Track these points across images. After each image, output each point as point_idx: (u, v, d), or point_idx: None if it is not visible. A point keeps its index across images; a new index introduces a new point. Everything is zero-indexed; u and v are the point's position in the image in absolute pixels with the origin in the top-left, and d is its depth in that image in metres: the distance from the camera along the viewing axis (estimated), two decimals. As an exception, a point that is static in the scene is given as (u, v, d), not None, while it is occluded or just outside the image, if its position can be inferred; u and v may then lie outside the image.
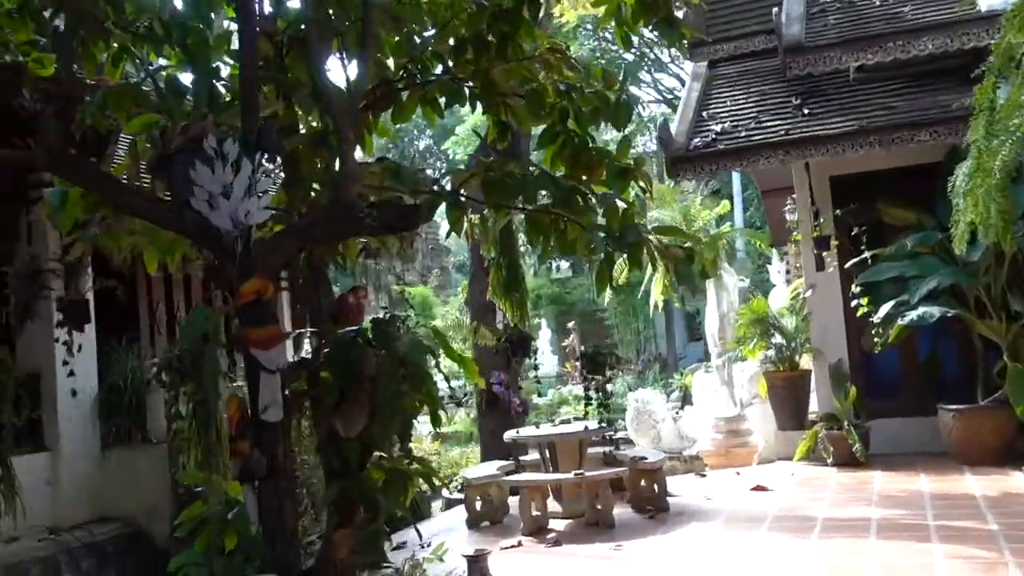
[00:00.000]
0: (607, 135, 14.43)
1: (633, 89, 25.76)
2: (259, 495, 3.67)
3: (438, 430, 5.77)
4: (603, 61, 24.39)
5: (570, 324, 21.49)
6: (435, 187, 4.61)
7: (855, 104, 8.59)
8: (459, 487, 8.88)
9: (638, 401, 11.02)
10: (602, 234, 4.18)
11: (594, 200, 4.57)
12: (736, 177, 20.31)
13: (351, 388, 3.88)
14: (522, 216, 4.85)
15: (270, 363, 3.72)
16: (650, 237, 4.36)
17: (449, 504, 9.60)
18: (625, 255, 4.20)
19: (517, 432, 7.76)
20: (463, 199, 4.65)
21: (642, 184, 4.87)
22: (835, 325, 9.21)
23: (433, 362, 4.08)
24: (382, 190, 4.44)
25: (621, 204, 4.55)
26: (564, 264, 34.48)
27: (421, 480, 4.22)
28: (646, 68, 28.42)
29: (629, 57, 25.94)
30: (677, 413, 11.30)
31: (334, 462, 3.95)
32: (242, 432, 3.66)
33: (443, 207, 4.62)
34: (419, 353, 4.02)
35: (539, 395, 19.81)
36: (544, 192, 4.74)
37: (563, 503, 7.46)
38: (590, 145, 4.79)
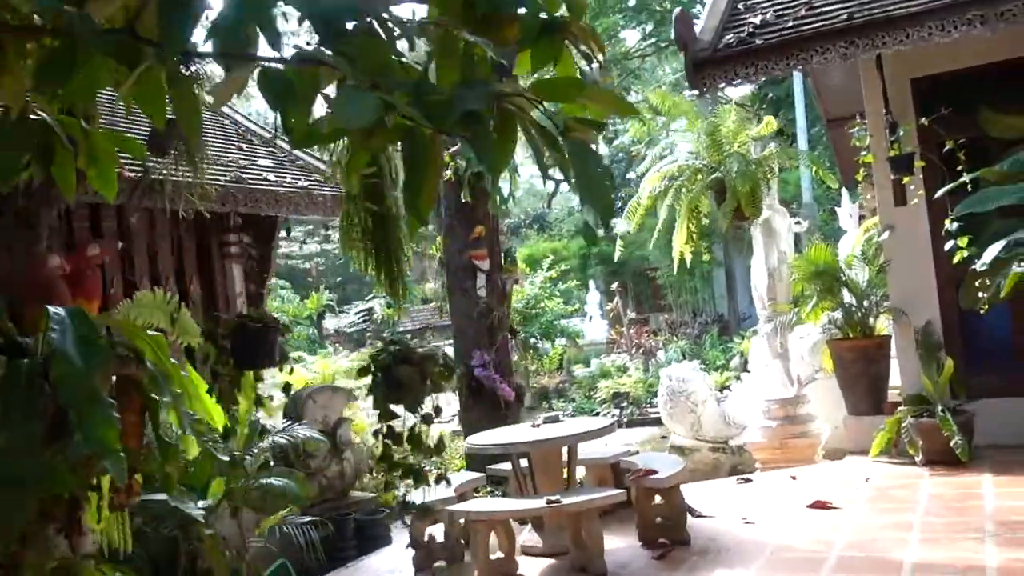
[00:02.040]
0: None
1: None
2: None
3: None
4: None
5: (614, 286, 19.30)
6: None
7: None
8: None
9: (672, 379, 8.90)
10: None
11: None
12: (800, 109, 17.74)
13: None
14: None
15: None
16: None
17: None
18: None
19: (481, 438, 5.71)
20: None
21: (590, 47, 2.78)
22: (922, 276, 6.95)
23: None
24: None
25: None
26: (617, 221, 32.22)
27: None
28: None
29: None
30: (722, 392, 9.14)
31: None
32: None
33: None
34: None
35: (585, 365, 17.74)
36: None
37: (544, 534, 5.44)
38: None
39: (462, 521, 5.23)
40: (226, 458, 3.86)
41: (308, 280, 35.54)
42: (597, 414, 13.94)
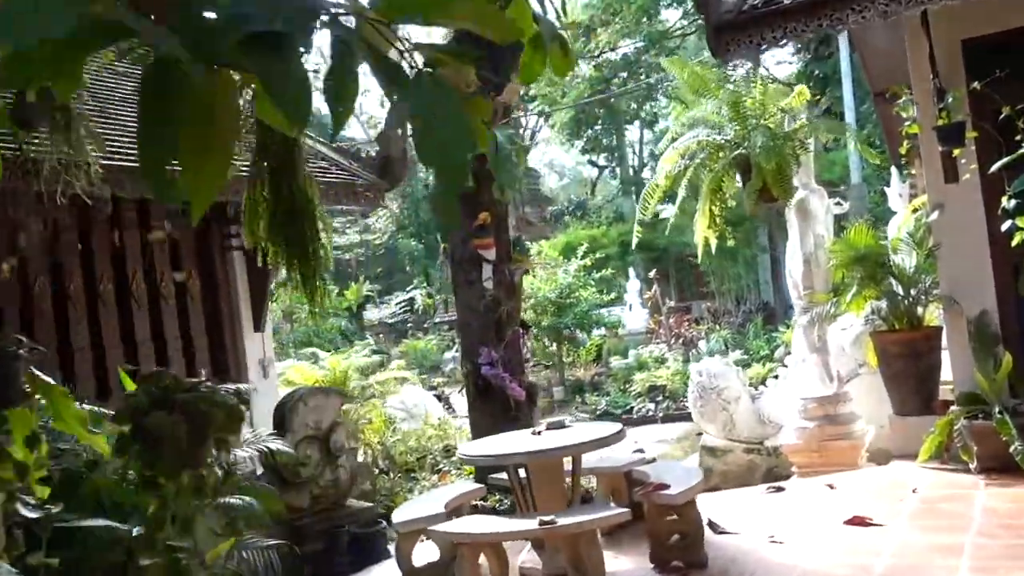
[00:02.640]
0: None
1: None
2: None
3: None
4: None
5: (651, 273, 18.59)
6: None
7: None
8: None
9: (702, 375, 8.24)
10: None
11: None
12: (847, 85, 16.84)
13: None
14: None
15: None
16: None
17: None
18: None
19: (475, 447, 5.14)
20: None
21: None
22: (976, 261, 6.22)
23: None
24: None
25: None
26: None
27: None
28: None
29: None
30: (757, 389, 8.47)
31: None
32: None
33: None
34: None
35: (623, 356, 17.10)
36: None
37: (544, 555, 4.87)
38: None
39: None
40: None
41: (348, 271, 35.33)
42: (631, 409, 13.32)
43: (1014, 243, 4.88)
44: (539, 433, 5.14)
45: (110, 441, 3.16)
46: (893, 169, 10.34)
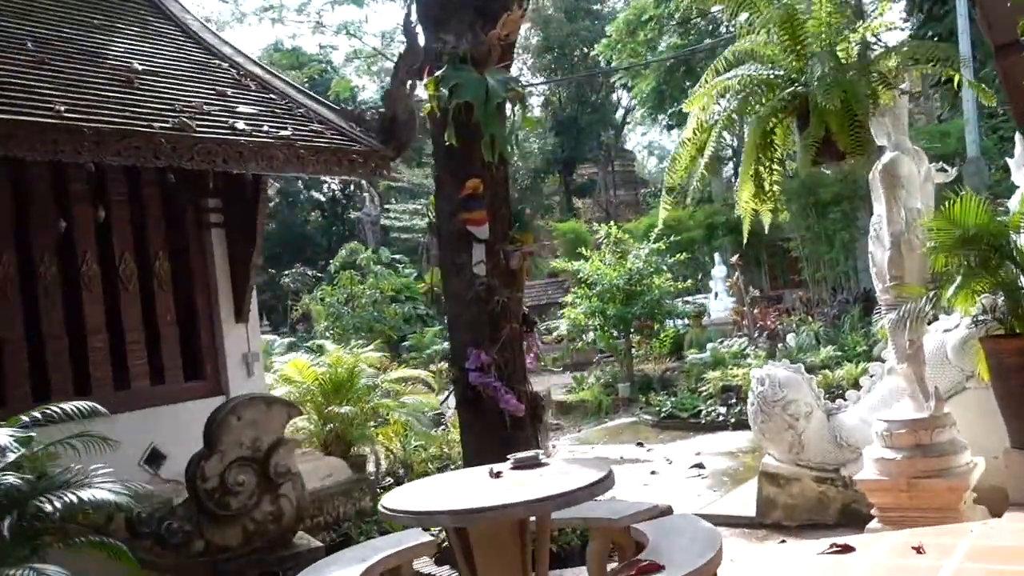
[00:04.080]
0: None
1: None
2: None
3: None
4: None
5: (734, 258, 16.81)
6: None
7: None
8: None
9: (764, 384, 6.67)
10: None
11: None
12: (965, 43, 14.69)
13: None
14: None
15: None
16: None
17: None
18: None
19: (401, 496, 3.75)
20: None
21: None
22: None
23: None
24: None
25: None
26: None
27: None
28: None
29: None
30: (835, 403, 6.86)
31: None
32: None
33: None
34: None
35: (700, 350, 15.42)
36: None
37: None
38: None
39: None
40: None
41: (426, 253, 34.35)
42: (699, 412, 11.71)
43: None
44: (499, 474, 3.74)
45: None
46: (1017, 136, 8.47)
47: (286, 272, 28.02)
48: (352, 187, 36.38)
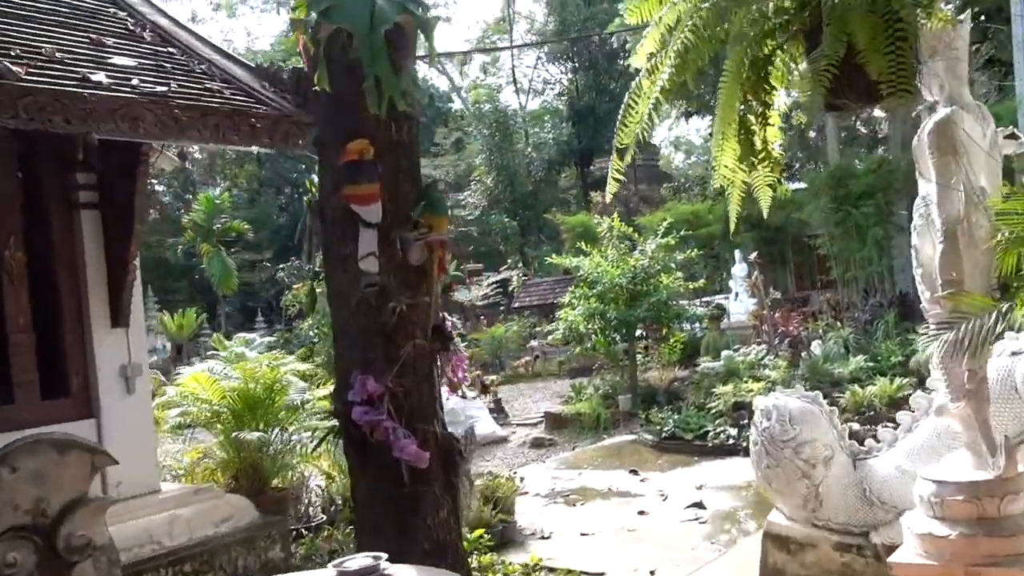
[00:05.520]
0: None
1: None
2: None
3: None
4: None
5: (752, 256, 15.18)
6: None
7: None
8: None
9: (771, 417, 5.13)
10: None
11: None
12: (1016, 13, 12.96)
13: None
14: None
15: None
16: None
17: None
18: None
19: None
20: None
21: None
22: None
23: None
24: None
25: None
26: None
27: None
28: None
29: None
30: (865, 444, 5.32)
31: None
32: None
33: None
34: None
35: (714, 358, 13.81)
36: None
37: None
38: None
39: None
40: None
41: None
42: (705, 434, 10.13)
43: None
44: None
45: None
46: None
47: (281, 266, 26.71)
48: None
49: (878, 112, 28.91)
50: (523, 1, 66.69)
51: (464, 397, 10.16)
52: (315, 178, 4.25)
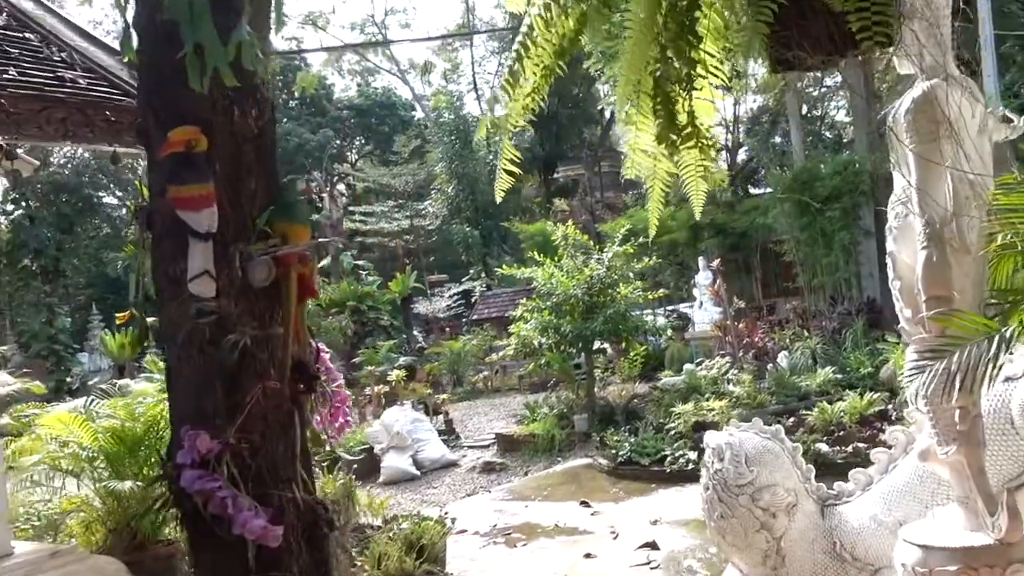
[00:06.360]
0: None
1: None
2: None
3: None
4: None
5: (714, 263, 14.45)
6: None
7: None
8: None
9: (724, 458, 4.33)
10: None
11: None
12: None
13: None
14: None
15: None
16: None
17: None
18: None
19: None
20: None
21: None
22: None
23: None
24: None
25: None
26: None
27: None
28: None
29: None
30: (834, 487, 4.54)
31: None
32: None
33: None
34: None
35: (676, 372, 13.06)
36: None
37: None
38: None
39: None
40: None
41: (395, 260, 31.97)
42: (663, 458, 9.33)
43: None
44: None
45: None
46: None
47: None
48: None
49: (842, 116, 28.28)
50: (483, 8, 66.09)
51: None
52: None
